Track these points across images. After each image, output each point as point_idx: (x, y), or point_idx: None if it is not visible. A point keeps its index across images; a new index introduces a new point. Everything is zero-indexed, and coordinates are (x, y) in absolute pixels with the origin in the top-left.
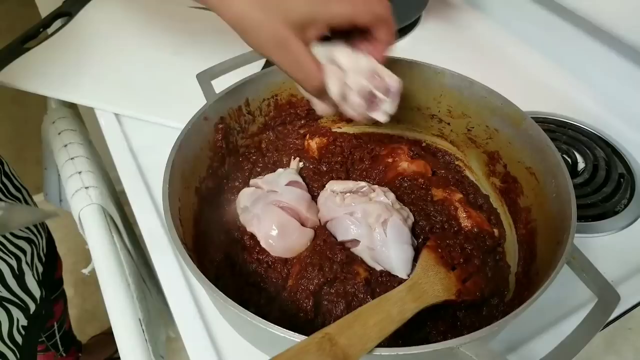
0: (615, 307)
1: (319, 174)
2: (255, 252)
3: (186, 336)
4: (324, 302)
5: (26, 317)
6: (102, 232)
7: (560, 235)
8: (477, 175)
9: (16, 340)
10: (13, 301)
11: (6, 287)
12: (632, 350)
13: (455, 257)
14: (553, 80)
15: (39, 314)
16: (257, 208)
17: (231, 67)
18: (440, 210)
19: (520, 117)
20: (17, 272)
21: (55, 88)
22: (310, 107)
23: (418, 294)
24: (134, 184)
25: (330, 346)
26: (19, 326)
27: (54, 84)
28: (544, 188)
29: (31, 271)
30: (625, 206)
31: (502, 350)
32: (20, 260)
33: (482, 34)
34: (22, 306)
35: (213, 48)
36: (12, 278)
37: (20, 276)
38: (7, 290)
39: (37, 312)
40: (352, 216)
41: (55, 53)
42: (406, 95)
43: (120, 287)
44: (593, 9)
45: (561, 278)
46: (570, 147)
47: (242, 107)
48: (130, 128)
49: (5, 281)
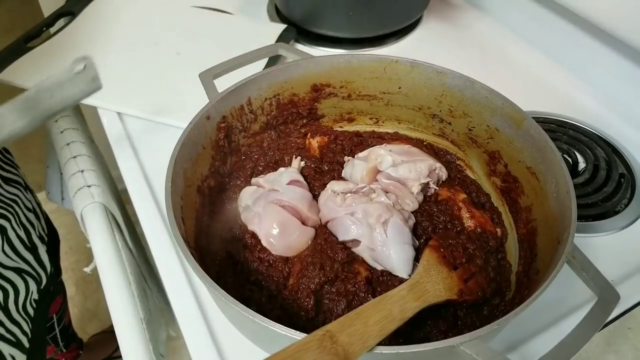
0: (615, 306)
1: (320, 173)
2: (257, 251)
3: (187, 334)
4: (325, 300)
5: (38, 291)
6: (104, 231)
7: (561, 234)
8: (477, 174)
9: (29, 312)
10: (29, 272)
11: (22, 259)
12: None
13: (458, 256)
14: (554, 80)
15: (48, 289)
16: (259, 207)
17: (233, 67)
18: (444, 210)
19: (521, 117)
20: (29, 244)
21: None
22: (312, 106)
23: (419, 293)
24: (136, 183)
25: (331, 344)
26: (32, 299)
27: None
28: (545, 188)
29: (42, 245)
30: (625, 206)
31: (502, 349)
32: (30, 234)
33: (483, 34)
34: (36, 278)
35: (215, 47)
36: (25, 250)
37: (34, 249)
38: (24, 261)
39: (47, 286)
40: (353, 216)
41: (58, 52)
42: (408, 94)
43: (122, 286)
44: (593, 9)
45: (561, 277)
46: (570, 146)
47: (244, 106)
48: (133, 127)
49: (19, 253)
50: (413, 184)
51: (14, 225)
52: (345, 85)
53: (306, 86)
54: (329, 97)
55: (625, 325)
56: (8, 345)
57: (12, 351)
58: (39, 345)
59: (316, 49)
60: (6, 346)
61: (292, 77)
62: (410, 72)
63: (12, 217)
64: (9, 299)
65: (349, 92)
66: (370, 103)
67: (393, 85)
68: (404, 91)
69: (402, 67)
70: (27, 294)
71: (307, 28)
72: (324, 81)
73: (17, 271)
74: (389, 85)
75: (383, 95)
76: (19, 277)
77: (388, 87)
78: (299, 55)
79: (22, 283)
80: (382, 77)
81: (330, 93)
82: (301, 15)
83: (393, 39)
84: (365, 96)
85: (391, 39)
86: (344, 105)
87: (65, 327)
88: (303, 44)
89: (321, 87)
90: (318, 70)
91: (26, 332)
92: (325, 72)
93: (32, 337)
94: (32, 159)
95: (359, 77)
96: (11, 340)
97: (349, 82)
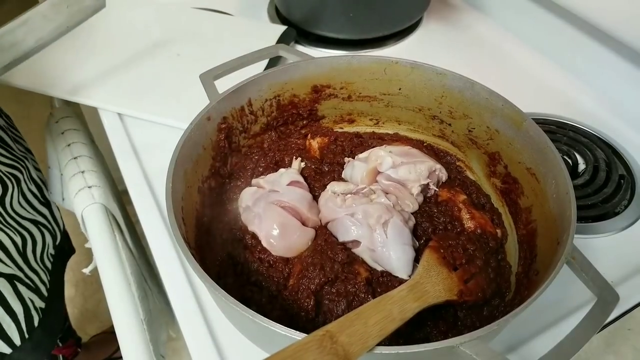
0: (614, 307)
1: (321, 173)
2: (257, 251)
3: (188, 334)
4: (325, 301)
5: (54, 246)
6: (104, 231)
7: (560, 235)
8: (477, 176)
9: (46, 264)
10: (45, 225)
11: (38, 212)
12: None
13: (458, 257)
14: (554, 82)
15: (63, 247)
16: (259, 207)
17: (234, 68)
18: (444, 211)
19: (521, 118)
20: (43, 200)
21: (58, 88)
22: (313, 107)
23: (419, 293)
24: (136, 184)
25: (331, 344)
26: (49, 253)
27: (57, 84)
28: (545, 189)
29: (54, 203)
30: (625, 207)
31: (502, 349)
32: (42, 190)
33: (483, 36)
34: (52, 232)
35: (216, 49)
36: (40, 205)
37: (48, 204)
38: (40, 214)
39: (61, 244)
40: (353, 217)
41: (59, 53)
42: (408, 96)
43: (122, 286)
44: (593, 11)
45: (561, 278)
46: (570, 148)
47: (244, 107)
48: (133, 128)
49: (34, 206)
50: (413, 185)
51: (26, 178)
52: (345, 87)
53: (306, 87)
54: (329, 98)
55: (624, 326)
56: (27, 289)
57: (31, 295)
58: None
59: (316, 50)
60: (25, 289)
61: (292, 78)
62: (411, 74)
63: (24, 171)
64: (27, 247)
65: (349, 93)
66: (370, 104)
67: (393, 87)
68: (404, 92)
69: (402, 68)
70: (44, 246)
71: (307, 29)
72: (324, 82)
73: (34, 223)
74: (389, 86)
75: (383, 96)
76: (36, 229)
77: (388, 89)
78: (299, 57)
79: (39, 234)
80: (383, 79)
81: (330, 94)
82: (301, 17)
83: (393, 41)
84: (366, 97)
85: (391, 41)
86: (344, 107)
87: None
88: (303, 45)
89: (321, 88)
90: (318, 71)
91: (44, 281)
92: (325, 73)
93: (50, 288)
94: None
95: (359, 79)
96: (30, 285)
97: (349, 83)
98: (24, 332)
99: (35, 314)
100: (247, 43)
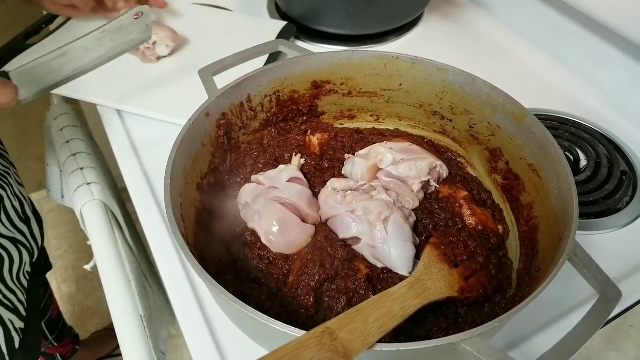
0: (616, 304)
1: (321, 170)
2: (257, 248)
3: (187, 331)
4: (325, 298)
5: (30, 263)
6: (103, 229)
7: (562, 232)
8: (479, 172)
9: (22, 283)
10: (23, 243)
11: (17, 230)
12: (634, 348)
13: (459, 254)
14: (555, 78)
15: (40, 263)
16: (258, 204)
17: (233, 63)
18: (445, 207)
19: (523, 114)
20: (23, 216)
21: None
22: (313, 103)
23: (420, 290)
24: (135, 180)
25: (331, 341)
26: (25, 270)
27: None
28: (546, 185)
29: (34, 218)
30: (627, 203)
31: (503, 346)
32: (24, 206)
33: (484, 31)
34: (29, 250)
35: (215, 44)
36: (20, 222)
37: (27, 220)
38: (19, 232)
39: (38, 260)
40: (353, 214)
41: None
42: (408, 91)
43: (122, 284)
44: (596, 7)
45: (563, 275)
46: (572, 144)
47: (244, 103)
48: (132, 124)
49: (15, 224)
50: (413, 182)
51: (10, 195)
52: (345, 82)
53: (306, 83)
54: (330, 94)
55: (627, 322)
56: (6, 310)
57: (11, 317)
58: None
59: (316, 46)
60: (4, 310)
61: (292, 73)
62: (411, 69)
63: (7, 188)
64: (3, 267)
65: (350, 89)
66: (370, 100)
67: (394, 82)
68: (404, 88)
69: (403, 63)
70: (20, 264)
71: (307, 25)
72: (324, 78)
73: (12, 241)
74: (390, 82)
75: (384, 92)
76: (14, 247)
77: (389, 84)
78: (299, 52)
79: (17, 253)
80: (383, 74)
81: (330, 90)
82: (301, 12)
83: (394, 36)
84: (366, 93)
85: (392, 36)
86: (344, 102)
87: (54, 321)
88: (303, 41)
89: (321, 84)
90: (318, 67)
91: (22, 300)
92: (325, 69)
93: (27, 307)
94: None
95: (359, 74)
96: (8, 305)
97: (349, 79)
98: (4, 356)
99: (16, 335)
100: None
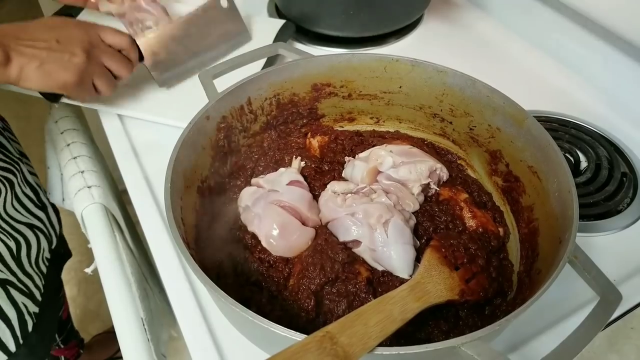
0: (617, 306)
1: (321, 173)
2: (257, 252)
3: (188, 335)
4: (325, 301)
5: (49, 250)
6: (104, 231)
7: (562, 234)
8: (479, 174)
9: (41, 268)
10: (41, 229)
11: (33, 215)
12: (634, 350)
13: (459, 257)
14: (555, 79)
15: (59, 251)
16: (259, 207)
17: (233, 66)
18: (445, 210)
19: (523, 116)
20: (39, 203)
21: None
22: (312, 106)
23: (420, 293)
24: (136, 183)
25: (331, 345)
26: (44, 256)
27: None
28: (546, 187)
29: (51, 207)
30: (627, 205)
31: (504, 349)
32: (38, 193)
33: (484, 33)
34: (47, 236)
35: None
36: (36, 208)
37: (44, 207)
38: (35, 218)
39: (57, 248)
40: (354, 216)
41: None
42: (408, 94)
43: (123, 287)
44: (596, 8)
45: (563, 277)
46: (572, 146)
47: (244, 106)
48: (133, 128)
49: (30, 209)
50: (413, 185)
51: (20, 181)
52: (345, 85)
53: (306, 86)
54: (330, 96)
55: (627, 325)
56: (20, 294)
57: (25, 300)
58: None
59: (316, 49)
60: (18, 294)
61: (292, 76)
62: (411, 71)
63: (18, 174)
64: (21, 251)
65: (350, 91)
66: (370, 102)
67: (394, 85)
68: (404, 90)
69: (402, 66)
70: (39, 250)
71: (307, 27)
72: (324, 81)
73: (29, 226)
74: (390, 84)
75: (384, 94)
76: (32, 232)
77: (389, 87)
78: (298, 55)
79: (35, 238)
80: (383, 77)
81: (330, 92)
82: (301, 14)
83: (393, 38)
84: (366, 95)
85: (392, 38)
86: (344, 105)
87: (63, 322)
88: (303, 43)
89: (321, 86)
90: (318, 69)
91: (39, 286)
92: (325, 72)
93: (44, 293)
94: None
95: (359, 77)
96: (23, 290)
97: (349, 81)
98: (18, 338)
99: (29, 319)
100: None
